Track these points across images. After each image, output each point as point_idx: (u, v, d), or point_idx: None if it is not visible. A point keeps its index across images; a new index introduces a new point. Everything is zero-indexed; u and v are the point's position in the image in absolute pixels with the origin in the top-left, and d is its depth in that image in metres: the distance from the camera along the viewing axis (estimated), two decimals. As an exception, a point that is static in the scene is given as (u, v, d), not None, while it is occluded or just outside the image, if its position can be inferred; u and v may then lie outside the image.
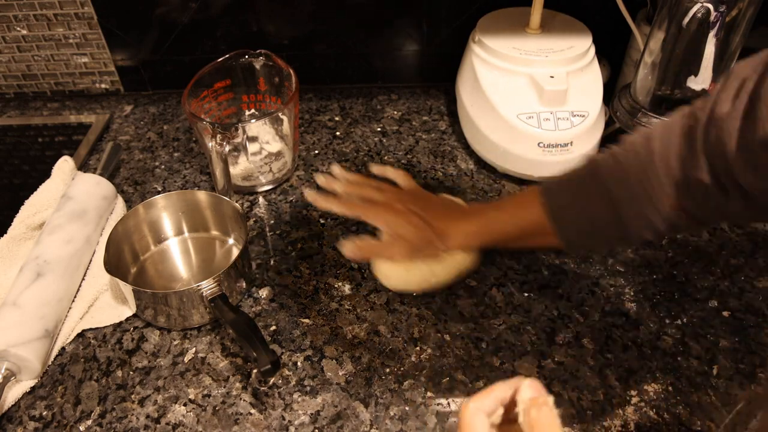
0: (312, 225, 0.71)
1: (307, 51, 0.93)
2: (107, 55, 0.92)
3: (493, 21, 0.81)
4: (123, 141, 0.87)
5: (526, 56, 0.74)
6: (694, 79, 0.67)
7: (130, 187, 0.78)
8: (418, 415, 0.52)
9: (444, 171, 0.79)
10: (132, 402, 0.53)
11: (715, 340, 0.58)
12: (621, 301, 0.61)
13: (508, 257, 0.66)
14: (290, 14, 0.88)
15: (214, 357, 0.57)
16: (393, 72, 0.96)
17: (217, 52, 0.75)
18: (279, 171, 0.77)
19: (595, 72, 0.76)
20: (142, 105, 0.95)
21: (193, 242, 0.69)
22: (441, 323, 0.59)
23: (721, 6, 0.61)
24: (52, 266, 0.59)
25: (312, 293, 0.63)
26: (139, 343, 0.59)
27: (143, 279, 0.64)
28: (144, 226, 0.66)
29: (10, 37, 0.90)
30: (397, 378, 0.55)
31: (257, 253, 0.68)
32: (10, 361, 0.53)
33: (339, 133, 0.87)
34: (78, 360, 0.57)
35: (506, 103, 0.73)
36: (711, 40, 0.63)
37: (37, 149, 0.85)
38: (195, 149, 0.84)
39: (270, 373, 0.50)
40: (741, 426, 0.51)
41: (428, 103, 0.93)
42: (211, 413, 0.52)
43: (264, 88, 0.78)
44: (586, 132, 0.72)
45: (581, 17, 0.81)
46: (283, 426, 0.51)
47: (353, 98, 0.95)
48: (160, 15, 0.88)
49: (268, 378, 0.54)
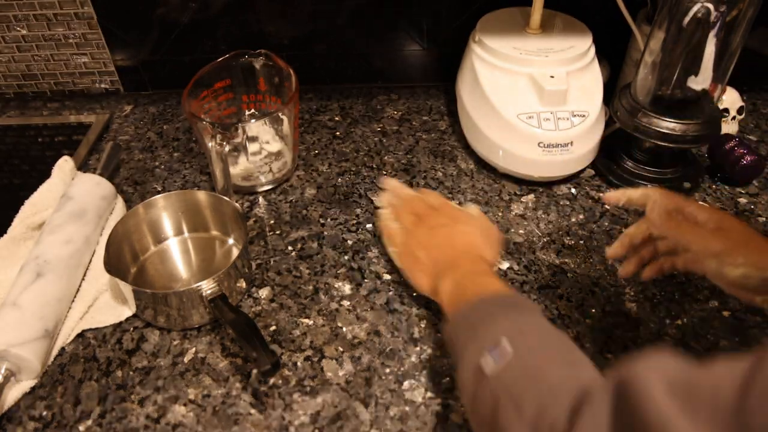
0: (312, 225, 0.71)
1: (307, 51, 0.93)
2: (107, 55, 0.92)
3: (493, 21, 0.81)
4: (123, 141, 0.87)
5: (526, 56, 0.74)
6: (694, 79, 0.66)
7: (130, 187, 0.78)
8: (418, 415, 0.52)
9: (444, 171, 0.79)
10: (132, 402, 0.53)
11: (715, 340, 0.58)
12: (621, 301, 0.61)
13: (509, 257, 0.66)
14: (290, 14, 0.88)
15: (214, 357, 0.57)
16: (393, 72, 0.96)
17: (217, 52, 0.75)
18: (279, 171, 0.77)
19: (595, 72, 0.76)
20: (142, 105, 0.94)
21: (193, 242, 0.69)
22: (441, 323, 0.59)
23: (721, 6, 0.61)
24: (52, 266, 0.59)
25: (312, 293, 0.63)
26: (139, 343, 0.59)
27: (143, 279, 0.64)
28: (144, 226, 0.66)
29: (10, 37, 0.90)
30: (397, 378, 0.55)
31: (257, 253, 0.68)
32: (10, 361, 0.53)
33: (339, 133, 0.87)
34: (78, 360, 0.57)
35: (506, 103, 0.73)
36: (711, 40, 0.63)
37: (37, 149, 0.85)
38: (195, 149, 0.84)
39: (270, 374, 0.50)
40: None
41: (428, 103, 0.93)
42: (211, 413, 0.52)
43: (264, 88, 0.78)
44: (586, 132, 0.72)
45: (581, 17, 0.81)
46: (283, 426, 0.51)
47: (353, 98, 0.95)
48: (160, 15, 0.88)
49: (268, 378, 0.54)
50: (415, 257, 0.59)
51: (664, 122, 0.69)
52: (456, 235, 0.59)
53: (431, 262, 0.57)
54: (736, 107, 0.81)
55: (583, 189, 0.76)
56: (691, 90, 0.68)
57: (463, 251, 0.57)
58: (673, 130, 0.68)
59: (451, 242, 0.58)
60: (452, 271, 0.53)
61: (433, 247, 0.58)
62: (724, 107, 0.80)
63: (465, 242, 0.58)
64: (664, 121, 0.69)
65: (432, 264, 0.57)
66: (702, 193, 0.75)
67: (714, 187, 0.76)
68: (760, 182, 0.77)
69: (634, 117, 0.70)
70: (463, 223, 0.60)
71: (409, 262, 0.60)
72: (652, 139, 0.70)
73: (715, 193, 0.75)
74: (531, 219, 0.72)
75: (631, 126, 0.71)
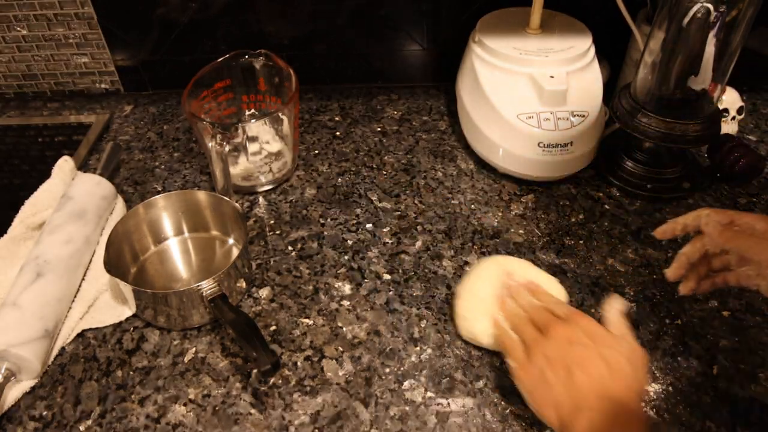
0: (312, 225, 0.71)
1: (307, 51, 0.93)
2: (107, 55, 0.92)
3: (493, 21, 0.81)
4: (123, 141, 0.87)
5: (526, 56, 0.74)
6: (694, 79, 0.66)
7: (130, 187, 0.78)
8: (418, 415, 0.52)
9: (444, 171, 0.79)
10: (132, 402, 0.53)
11: (715, 340, 0.58)
12: (621, 301, 0.61)
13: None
14: (290, 14, 0.88)
15: (214, 357, 0.57)
16: (393, 72, 0.96)
17: (217, 52, 0.75)
18: (279, 171, 0.77)
19: (595, 72, 0.76)
20: (142, 105, 0.94)
21: (193, 242, 0.69)
22: (441, 323, 0.59)
23: (721, 6, 0.61)
24: (52, 266, 0.59)
25: (312, 293, 0.63)
26: (139, 343, 0.59)
27: (143, 279, 0.64)
28: (144, 226, 0.66)
29: (10, 37, 0.90)
30: (397, 378, 0.55)
31: (257, 253, 0.68)
32: (10, 361, 0.53)
33: (339, 133, 0.87)
34: (78, 360, 0.57)
35: (506, 103, 0.73)
36: (711, 40, 0.63)
37: (37, 149, 0.85)
38: (195, 149, 0.84)
39: (270, 374, 0.50)
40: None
41: (428, 103, 0.93)
42: (211, 413, 0.52)
43: (264, 88, 0.78)
44: (586, 132, 0.72)
45: (581, 17, 0.81)
46: (283, 426, 0.51)
47: (353, 98, 0.95)
48: (160, 15, 0.88)
49: (268, 378, 0.54)
50: (543, 379, 0.47)
51: (664, 122, 0.69)
52: (598, 361, 0.46)
53: (564, 390, 0.45)
54: (736, 107, 0.81)
55: (583, 189, 0.76)
56: (691, 90, 0.68)
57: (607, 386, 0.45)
58: (673, 130, 0.68)
59: (593, 370, 0.46)
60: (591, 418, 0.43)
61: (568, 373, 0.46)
62: (724, 107, 0.80)
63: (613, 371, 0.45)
64: (664, 121, 0.69)
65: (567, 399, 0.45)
66: (702, 193, 0.75)
67: (714, 187, 0.76)
68: (760, 182, 0.77)
69: (634, 117, 0.70)
70: (605, 345, 0.47)
71: (535, 384, 0.48)
72: (652, 139, 0.70)
73: (715, 193, 0.75)
74: (531, 219, 0.72)
75: (631, 126, 0.71)
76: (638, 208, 0.73)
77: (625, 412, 0.43)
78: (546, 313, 0.52)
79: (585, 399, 0.44)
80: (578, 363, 0.46)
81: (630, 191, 0.75)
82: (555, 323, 0.50)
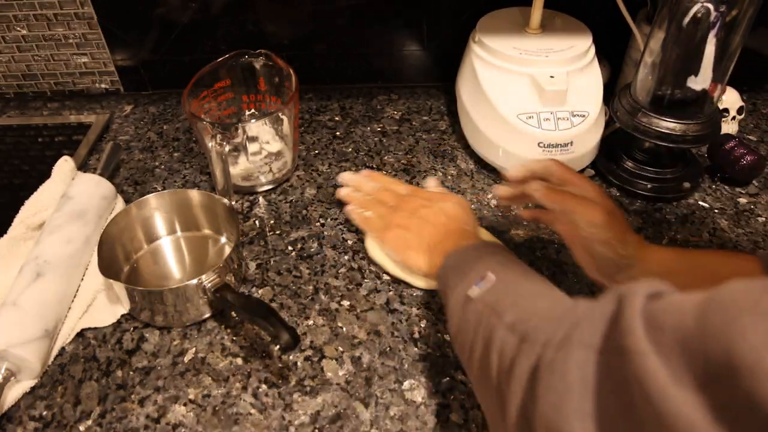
0: (312, 225, 0.71)
1: (307, 51, 0.93)
2: (107, 55, 0.92)
3: (493, 21, 0.81)
4: (123, 141, 0.87)
5: (526, 56, 0.74)
6: (694, 79, 0.66)
7: (130, 187, 0.78)
8: (418, 415, 0.52)
9: (444, 171, 0.79)
10: (132, 402, 0.53)
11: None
12: (621, 301, 0.61)
13: (508, 257, 0.66)
14: (290, 14, 0.88)
15: (214, 357, 0.57)
16: (393, 72, 0.96)
17: (217, 52, 0.75)
18: (279, 171, 0.77)
19: (595, 72, 0.76)
20: (142, 105, 0.94)
21: (186, 241, 0.69)
22: (441, 323, 0.59)
23: (721, 6, 0.61)
24: (52, 266, 0.59)
25: (312, 293, 0.63)
26: (138, 343, 0.59)
27: (136, 278, 0.64)
28: (136, 226, 0.66)
29: (10, 37, 0.90)
30: (397, 378, 0.55)
31: (257, 253, 0.68)
32: (10, 361, 0.53)
33: (339, 133, 0.87)
34: (78, 360, 0.57)
35: (506, 103, 0.73)
36: (711, 40, 0.63)
37: (37, 149, 0.85)
38: (195, 149, 0.84)
39: (291, 347, 0.51)
40: None
41: (428, 103, 0.93)
42: (211, 413, 0.52)
43: (264, 88, 0.78)
44: (586, 132, 0.72)
45: (581, 17, 0.81)
46: (283, 426, 0.51)
47: (353, 98, 0.95)
48: (160, 15, 0.88)
49: (288, 353, 0.55)
50: (404, 239, 0.61)
51: (664, 122, 0.69)
52: (439, 213, 0.62)
53: (422, 241, 0.59)
54: (736, 107, 0.81)
55: (583, 189, 0.76)
56: (691, 90, 0.68)
57: (450, 226, 0.60)
58: (673, 130, 0.69)
59: (437, 220, 0.61)
60: (444, 246, 0.55)
61: (421, 227, 0.61)
62: (724, 107, 0.80)
63: (450, 217, 0.61)
64: (664, 121, 0.69)
65: (424, 243, 0.59)
66: (702, 193, 0.75)
67: (714, 187, 0.76)
68: (760, 182, 0.77)
69: (634, 117, 0.70)
70: (440, 201, 0.63)
71: (399, 244, 0.61)
72: (652, 139, 0.70)
73: (715, 193, 0.75)
74: (531, 219, 0.72)
75: (631, 126, 0.71)
76: (638, 208, 0.73)
77: (465, 238, 0.56)
78: (388, 192, 0.67)
79: (437, 239, 0.58)
80: (425, 219, 0.61)
81: (630, 191, 0.75)
82: (399, 198, 0.65)
